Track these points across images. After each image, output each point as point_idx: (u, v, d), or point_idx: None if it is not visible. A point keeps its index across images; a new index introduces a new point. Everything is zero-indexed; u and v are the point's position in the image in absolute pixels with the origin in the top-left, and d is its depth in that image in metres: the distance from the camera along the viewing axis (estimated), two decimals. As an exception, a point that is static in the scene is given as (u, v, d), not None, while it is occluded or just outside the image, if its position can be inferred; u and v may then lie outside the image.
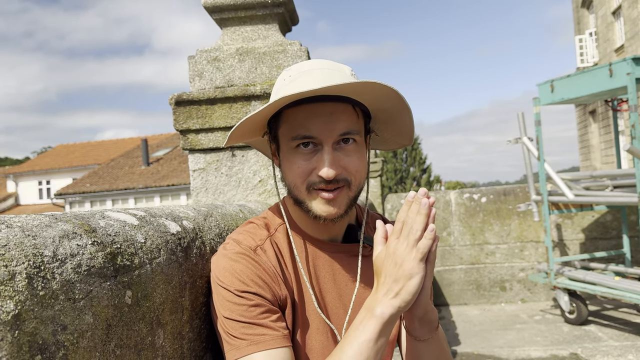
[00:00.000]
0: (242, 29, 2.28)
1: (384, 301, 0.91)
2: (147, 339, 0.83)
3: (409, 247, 0.92)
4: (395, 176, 29.27)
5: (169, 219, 1.04)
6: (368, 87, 0.96)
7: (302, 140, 1.00)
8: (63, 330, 0.62)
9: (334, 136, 0.99)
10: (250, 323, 0.96)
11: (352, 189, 1.03)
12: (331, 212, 1.02)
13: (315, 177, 1.00)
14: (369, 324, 0.91)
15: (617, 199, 4.43)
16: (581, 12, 21.91)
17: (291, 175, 1.03)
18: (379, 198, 6.46)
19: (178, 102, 2.15)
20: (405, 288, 0.91)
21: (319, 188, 1.01)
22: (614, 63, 4.26)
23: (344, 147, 1.01)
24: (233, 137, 1.09)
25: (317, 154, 1.00)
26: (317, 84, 0.92)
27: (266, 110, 1.00)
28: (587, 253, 5.61)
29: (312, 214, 1.03)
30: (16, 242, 0.61)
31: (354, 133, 1.01)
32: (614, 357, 3.95)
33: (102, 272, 0.72)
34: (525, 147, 5.37)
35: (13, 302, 0.56)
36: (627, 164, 13.46)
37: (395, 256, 0.92)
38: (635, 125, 4.05)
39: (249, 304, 0.97)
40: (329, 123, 0.99)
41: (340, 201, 1.02)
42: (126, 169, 25.29)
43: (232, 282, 0.99)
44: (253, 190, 2.19)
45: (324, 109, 0.99)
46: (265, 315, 0.98)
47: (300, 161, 1.01)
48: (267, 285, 1.00)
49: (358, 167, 1.02)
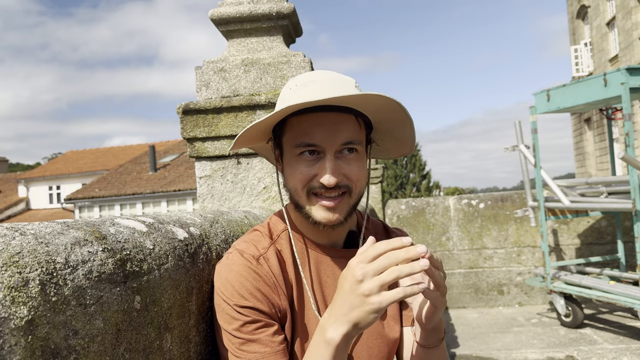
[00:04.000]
0: (248, 40, 2.29)
1: (335, 325, 0.86)
2: (155, 342, 0.83)
3: (375, 280, 0.82)
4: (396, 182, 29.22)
5: (177, 226, 1.04)
6: (370, 99, 0.96)
7: (306, 148, 1.00)
8: (74, 335, 0.62)
9: (337, 145, 1.00)
10: (246, 340, 0.97)
11: (353, 197, 1.04)
12: (331, 219, 1.02)
13: (316, 182, 1.01)
14: (320, 350, 0.89)
15: (612, 205, 4.42)
16: (576, 23, 21.93)
17: (292, 181, 1.04)
18: (379, 204, 6.46)
19: (185, 111, 2.16)
20: (363, 319, 0.84)
21: (319, 194, 1.01)
22: (609, 73, 4.26)
23: (346, 156, 1.01)
24: (239, 143, 1.10)
25: (320, 161, 1.01)
26: (322, 95, 0.93)
27: (272, 118, 1.00)
28: (583, 258, 5.59)
29: (312, 219, 1.03)
30: (29, 249, 0.61)
31: (355, 143, 1.01)
32: (609, 359, 3.93)
33: (112, 278, 0.72)
34: (522, 155, 5.37)
35: (27, 308, 0.56)
36: (622, 171, 13.43)
37: (359, 285, 0.84)
38: (629, 134, 4.05)
39: (246, 320, 0.98)
40: (332, 132, 0.99)
41: (340, 208, 1.02)
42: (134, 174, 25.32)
43: (232, 295, 0.99)
44: (257, 196, 2.19)
45: (327, 119, 0.99)
46: (262, 330, 0.98)
47: (303, 167, 1.01)
48: (266, 298, 1.00)
49: (359, 175, 1.03)
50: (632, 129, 4.05)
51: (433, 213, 6.22)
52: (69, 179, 31.47)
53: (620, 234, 5.34)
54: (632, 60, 16.25)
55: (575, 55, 20.66)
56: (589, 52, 20.27)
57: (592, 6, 19.78)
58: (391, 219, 6.30)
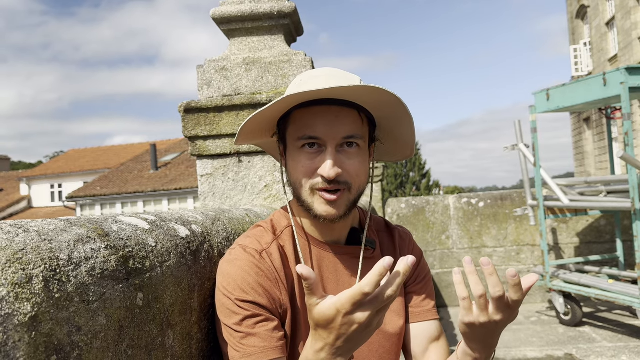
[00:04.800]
0: (249, 39, 2.29)
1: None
2: (158, 339, 0.83)
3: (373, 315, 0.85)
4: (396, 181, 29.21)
5: (179, 223, 1.04)
6: (369, 92, 0.97)
7: (308, 140, 1.01)
8: (78, 331, 0.62)
9: (338, 138, 1.00)
10: (246, 334, 0.97)
11: (352, 192, 1.04)
12: (331, 212, 1.02)
13: (317, 177, 1.01)
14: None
15: (611, 204, 4.42)
16: (576, 23, 21.91)
17: (295, 174, 1.04)
18: (380, 202, 6.46)
19: (187, 109, 2.16)
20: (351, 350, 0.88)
21: (321, 189, 1.01)
22: (608, 73, 4.25)
23: (347, 150, 1.02)
24: (243, 135, 1.10)
25: (321, 154, 1.01)
26: (323, 86, 0.94)
27: (274, 108, 1.01)
28: (582, 256, 5.59)
29: (313, 212, 1.04)
30: (33, 246, 0.61)
31: (357, 137, 1.02)
32: (608, 357, 3.93)
33: (115, 275, 0.72)
34: (522, 154, 5.36)
35: (30, 304, 0.56)
36: (621, 170, 13.43)
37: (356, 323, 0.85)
38: (628, 133, 4.05)
39: (246, 314, 0.97)
40: (334, 125, 1.00)
41: (340, 203, 1.02)
42: (135, 173, 25.33)
43: (234, 290, 0.99)
44: (259, 195, 2.19)
45: (330, 112, 1.00)
46: (262, 324, 0.98)
47: (305, 160, 1.02)
48: (267, 293, 1.00)
49: (359, 170, 1.03)
50: (631, 128, 4.05)
51: (433, 212, 6.22)
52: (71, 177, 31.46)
53: (619, 233, 5.34)
54: (632, 60, 16.24)
55: (574, 55, 20.66)
56: (589, 52, 20.26)
57: (592, 6, 19.77)
58: (391, 218, 6.30)
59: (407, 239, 1.24)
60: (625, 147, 4.05)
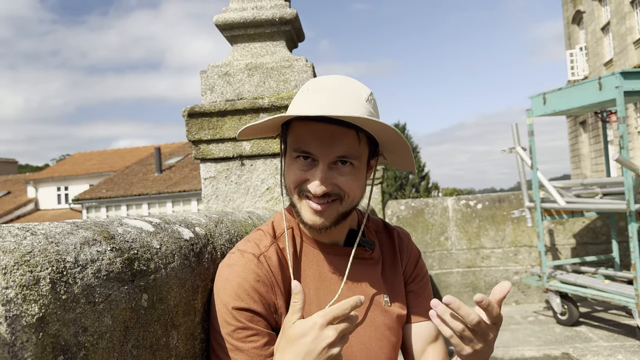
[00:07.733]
0: (252, 45, 2.29)
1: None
2: (162, 339, 0.83)
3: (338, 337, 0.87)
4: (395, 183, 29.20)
5: (182, 226, 1.04)
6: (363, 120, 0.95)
7: (302, 153, 1.01)
8: (84, 332, 0.62)
9: (331, 157, 0.99)
10: (234, 347, 0.97)
11: (344, 205, 1.03)
12: (317, 222, 1.02)
13: (306, 186, 1.01)
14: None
15: (607, 206, 4.42)
16: (572, 28, 21.92)
17: (288, 179, 1.05)
18: (379, 204, 6.46)
19: (191, 114, 2.17)
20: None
21: (309, 197, 1.01)
22: (604, 77, 4.25)
23: (340, 167, 1.01)
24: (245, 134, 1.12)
25: (313, 168, 1.01)
26: (321, 109, 0.95)
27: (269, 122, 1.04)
28: (578, 257, 5.58)
29: (301, 218, 1.05)
30: (40, 248, 0.61)
31: (351, 157, 1.00)
32: (604, 356, 3.92)
33: (120, 277, 0.73)
34: (519, 157, 5.36)
35: (37, 306, 0.56)
36: (616, 172, 13.41)
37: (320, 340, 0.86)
38: (623, 136, 4.05)
39: (238, 325, 0.97)
40: (327, 145, 0.99)
41: (328, 213, 1.02)
42: (140, 175, 25.35)
43: (229, 296, 0.99)
44: (261, 197, 2.19)
45: (325, 131, 0.99)
46: (252, 339, 0.97)
47: (297, 170, 1.02)
48: (262, 298, 1.00)
49: (352, 187, 1.02)
50: (626, 131, 4.05)
51: (432, 213, 6.22)
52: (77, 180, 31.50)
53: (615, 234, 5.33)
54: (627, 64, 16.24)
55: (570, 60, 20.66)
56: (584, 56, 20.27)
57: (588, 11, 19.78)
58: (391, 219, 6.29)
59: (406, 239, 1.23)
60: (621, 150, 4.05)
